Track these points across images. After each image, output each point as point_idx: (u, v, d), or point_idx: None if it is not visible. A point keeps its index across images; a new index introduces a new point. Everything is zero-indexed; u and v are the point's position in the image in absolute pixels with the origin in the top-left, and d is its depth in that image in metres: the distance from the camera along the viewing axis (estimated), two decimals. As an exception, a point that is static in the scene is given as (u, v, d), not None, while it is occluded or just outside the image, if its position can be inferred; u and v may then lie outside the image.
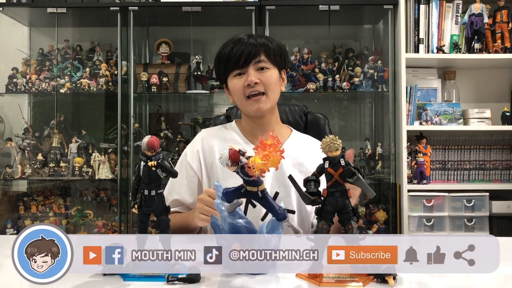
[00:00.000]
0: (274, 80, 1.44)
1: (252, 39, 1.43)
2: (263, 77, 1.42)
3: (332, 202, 0.94)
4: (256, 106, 1.43)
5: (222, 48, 1.46)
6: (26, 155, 2.83)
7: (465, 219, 2.65)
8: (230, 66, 1.43)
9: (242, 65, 1.41)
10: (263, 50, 1.42)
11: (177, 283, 0.90)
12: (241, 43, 1.42)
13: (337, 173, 0.93)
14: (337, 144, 0.93)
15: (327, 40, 2.92)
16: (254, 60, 1.41)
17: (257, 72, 1.42)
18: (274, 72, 1.45)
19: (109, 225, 2.85)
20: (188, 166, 1.50)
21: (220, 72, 1.48)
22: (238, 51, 1.41)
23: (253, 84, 1.40)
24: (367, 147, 2.82)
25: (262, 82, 1.41)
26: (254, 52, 1.41)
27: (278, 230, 1.01)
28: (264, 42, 1.43)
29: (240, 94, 1.43)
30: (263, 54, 1.42)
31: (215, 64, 1.50)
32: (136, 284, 0.92)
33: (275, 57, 1.45)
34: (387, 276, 0.92)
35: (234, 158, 0.94)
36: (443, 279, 0.98)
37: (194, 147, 1.53)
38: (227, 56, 1.42)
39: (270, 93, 1.44)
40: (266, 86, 1.42)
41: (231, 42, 1.45)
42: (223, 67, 1.45)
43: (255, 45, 1.42)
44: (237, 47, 1.42)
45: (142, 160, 0.96)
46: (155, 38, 2.89)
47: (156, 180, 0.96)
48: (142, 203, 0.97)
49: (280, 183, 1.44)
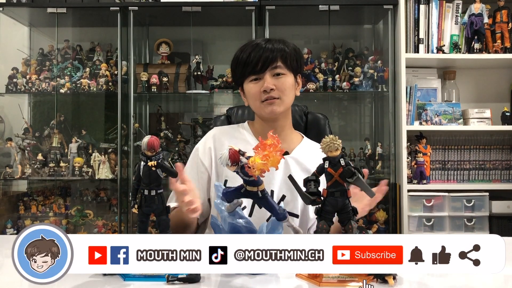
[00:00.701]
0: (289, 86, 1.46)
1: (270, 44, 1.44)
2: (279, 83, 1.44)
3: (332, 202, 0.94)
4: (270, 109, 1.44)
5: (240, 52, 1.47)
6: (26, 155, 2.83)
7: (465, 219, 2.65)
8: (247, 71, 1.44)
9: (259, 71, 1.43)
10: (280, 56, 1.43)
11: (177, 283, 0.90)
12: (259, 48, 1.43)
13: (337, 173, 0.93)
14: (337, 144, 0.93)
15: (327, 40, 2.92)
16: (271, 66, 1.43)
17: (273, 78, 1.44)
18: (290, 78, 1.47)
19: (109, 225, 2.85)
20: (200, 162, 1.50)
21: (237, 76, 1.50)
22: (256, 56, 1.42)
23: (269, 90, 1.42)
24: (367, 147, 2.82)
25: (277, 88, 1.43)
26: (271, 58, 1.42)
27: (278, 230, 1.01)
28: (281, 48, 1.45)
29: (255, 99, 1.45)
30: (280, 60, 1.44)
31: (232, 67, 1.51)
32: (136, 284, 0.92)
33: (291, 62, 1.46)
34: (387, 276, 0.92)
35: (234, 158, 0.94)
36: (443, 279, 0.98)
37: (206, 144, 1.53)
38: (245, 61, 1.44)
39: (285, 97, 1.45)
40: (281, 92, 1.44)
41: (249, 47, 1.45)
42: (240, 71, 1.47)
43: (273, 51, 1.43)
44: (255, 52, 1.43)
45: (142, 160, 0.96)
46: (155, 38, 2.90)
47: (156, 180, 0.96)
48: (142, 203, 0.97)
49: (287, 187, 1.44)
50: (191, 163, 1.53)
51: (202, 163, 1.50)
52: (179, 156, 2.78)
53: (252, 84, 1.45)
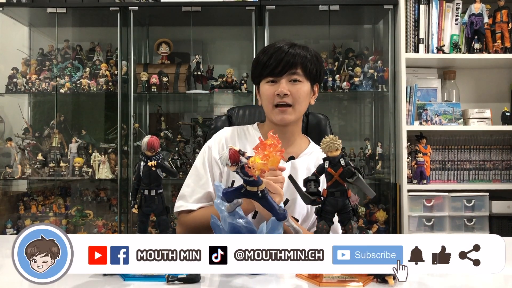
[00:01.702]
0: (304, 94, 1.45)
1: (293, 49, 1.43)
2: (294, 89, 1.43)
3: (332, 202, 0.94)
4: (281, 116, 1.44)
5: (262, 54, 1.47)
6: (26, 155, 2.83)
7: (465, 219, 2.65)
8: (265, 72, 1.44)
9: (277, 74, 1.43)
10: (300, 62, 1.43)
11: (177, 283, 0.90)
12: (281, 51, 1.42)
13: (337, 173, 0.93)
14: (337, 144, 0.93)
15: (327, 40, 2.92)
16: (289, 71, 1.42)
17: (289, 84, 1.43)
18: (306, 86, 1.46)
19: (109, 225, 2.85)
20: (214, 161, 1.48)
21: (255, 76, 1.50)
22: (277, 59, 1.42)
23: (282, 94, 1.42)
24: (367, 147, 2.82)
25: (291, 94, 1.43)
26: (291, 63, 1.42)
27: (278, 230, 1.01)
28: (303, 54, 1.44)
29: (268, 101, 1.45)
30: (299, 67, 1.43)
31: (253, 66, 1.51)
32: (136, 284, 0.92)
33: (311, 71, 1.46)
34: (387, 276, 0.92)
35: (234, 158, 0.94)
36: (443, 279, 0.98)
37: (220, 141, 1.52)
38: (265, 62, 1.44)
39: (297, 106, 1.45)
40: (294, 99, 1.43)
41: (272, 49, 1.45)
42: (259, 72, 1.47)
43: (294, 56, 1.42)
44: (276, 55, 1.42)
45: (142, 160, 0.96)
46: (155, 38, 2.90)
47: (156, 180, 0.96)
48: (142, 203, 0.97)
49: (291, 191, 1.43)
50: (202, 161, 1.50)
51: (216, 162, 1.48)
52: (179, 156, 2.78)
53: (267, 86, 1.45)
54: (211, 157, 1.49)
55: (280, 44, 1.45)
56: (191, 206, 1.43)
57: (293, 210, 1.43)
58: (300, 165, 1.48)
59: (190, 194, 1.45)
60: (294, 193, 1.43)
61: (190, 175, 1.49)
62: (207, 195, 1.46)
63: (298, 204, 1.44)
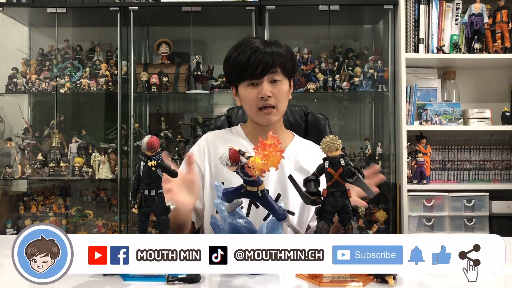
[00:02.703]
0: (285, 93, 1.46)
1: (269, 48, 1.42)
2: (276, 90, 1.43)
3: (332, 202, 0.94)
4: (266, 119, 1.45)
5: (237, 54, 1.43)
6: (26, 155, 2.83)
7: (465, 219, 2.65)
8: (245, 76, 1.42)
9: (257, 76, 1.41)
10: (279, 61, 1.42)
11: (177, 283, 0.90)
12: (259, 52, 1.40)
13: (337, 173, 0.93)
14: (337, 144, 0.93)
15: (327, 40, 2.92)
16: (270, 71, 1.42)
17: (271, 84, 1.43)
18: (286, 84, 1.47)
19: (109, 225, 2.85)
20: (195, 164, 1.49)
21: (233, 78, 1.47)
22: (256, 60, 1.40)
23: (266, 97, 1.41)
24: (367, 147, 2.82)
25: (274, 95, 1.43)
26: (271, 63, 1.41)
27: (278, 230, 1.01)
28: (280, 52, 1.43)
29: (252, 104, 1.45)
30: (279, 66, 1.43)
31: (227, 67, 1.48)
32: (136, 284, 0.92)
33: (288, 68, 1.46)
34: (387, 276, 0.92)
35: (234, 158, 0.94)
36: (443, 279, 0.98)
37: (200, 148, 1.53)
38: (243, 64, 1.41)
39: (280, 105, 1.46)
40: (277, 100, 1.44)
41: (247, 48, 1.42)
42: (237, 75, 1.44)
43: (272, 55, 1.41)
44: (254, 56, 1.40)
45: (142, 160, 0.96)
46: (155, 38, 2.90)
47: (156, 180, 0.96)
48: (142, 203, 0.97)
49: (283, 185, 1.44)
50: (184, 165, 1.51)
51: (197, 166, 1.49)
52: (179, 156, 2.78)
53: (249, 89, 1.44)
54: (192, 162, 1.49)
55: (255, 43, 1.43)
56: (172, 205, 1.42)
57: (287, 204, 1.44)
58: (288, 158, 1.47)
59: None
60: (286, 188, 1.44)
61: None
62: None
63: (291, 198, 1.44)
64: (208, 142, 1.53)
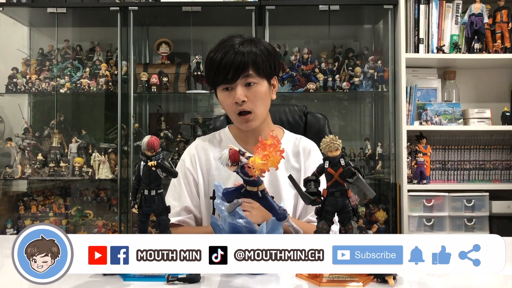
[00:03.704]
0: (262, 96, 1.41)
1: (242, 48, 1.37)
2: (251, 94, 1.39)
3: (332, 202, 0.94)
4: (246, 125, 1.43)
5: (214, 53, 1.40)
6: (26, 155, 2.83)
7: (465, 219, 2.65)
8: (219, 79, 1.39)
9: (230, 80, 1.37)
10: (251, 62, 1.37)
11: (177, 283, 0.90)
12: (232, 51, 1.36)
13: (337, 173, 0.93)
14: (337, 144, 0.92)
15: (327, 40, 2.92)
16: (242, 75, 1.37)
17: (245, 88, 1.38)
18: (263, 86, 1.41)
19: (109, 225, 2.85)
20: (188, 172, 1.49)
21: (210, 81, 1.45)
22: (227, 63, 1.36)
23: (240, 102, 1.38)
24: (367, 147, 2.82)
25: (249, 99, 1.38)
26: (242, 66, 1.36)
27: (278, 230, 1.01)
28: (252, 54, 1.38)
29: (229, 110, 1.43)
30: (251, 68, 1.37)
31: (206, 67, 1.45)
32: (136, 284, 0.91)
33: (264, 69, 1.40)
34: (387, 276, 0.92)
35: (234, 158, 0.94)
36: (443, 279, 0.98)
37: (190, 153, 1.53)
38: (217, 66, 1.37)
39: (257, 109, 1.41)
40: (253, 104, 1.40)
41: (222, 47, 1.39)
42: (212, 78, 1.41)
43: (244, 57, 1.36)
44: (228, 56, 1.36)
45: (142, 160, 0.96)
46: (155, 38, 2.89)
47: (156, 180, 0.96)
48: (142, 203, 0.97)
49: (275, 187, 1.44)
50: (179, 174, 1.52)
51: (190, 173, 1.49)
52: (179, 156, 2.78)
53: (224, 94, 1.41)
54: (184, 169, 1.50)
55: (232, 41, 1.39)
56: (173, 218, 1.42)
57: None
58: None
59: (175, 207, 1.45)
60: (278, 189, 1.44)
61: (168, 189, 1.50)
62: (186, 209, 1.47)
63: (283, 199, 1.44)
64: (198, 148, 1.53)
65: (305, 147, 1.52)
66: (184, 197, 1.47)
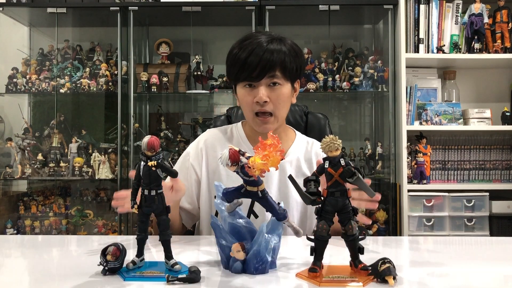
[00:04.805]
0: (285, 98, 1.37)
1: (271, 46, 1.32)
2: (274, 95, 1.34)
3: (332, 202, 0.94)
4: (262, 127, 1.38)
5: (239, 50, 1.34)
6: (26, 155, 2.83)
7: (465, 219, 2.65)
8: (243, 75, 1.34)
9: (254, 78, 1.33)
10: (279, 63, 1.32)
11: (177, 283, 0.90)
12: (261, 48, 1.31)
13: (337, 173, 0.93)
14: (337, 144, 0.92)
15: (327, 40, 2.92)
16: (268, 74, 1.32)
17: (268, 88, 1.34)
18: (287, 88, 1.37)
19: (109, 225, 2.85)
20: (191, 168, 1.47)
21: (231, 75, 1.40)
22: (254, 61, 1.30)
23: (262, 102, 1.33)
24: (367, 147, 2.83)
25: (271, 101, 1.34)
26: (269, 66, 1.31)
27: (278, 230, 1.01)
28: (282, 53, 1.33)
29: (248, 108, 1.38)
30: (278, 69, 1.33)
31: (228, 62, 1.39)
32: (136, 284, 0.91)
33: (290, 70, 1.35)
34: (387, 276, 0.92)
35: (234, 158, 0.93)
36: (443, 279, 0.98)
37: (198, 147, 1.50)
38: (242, 64, 1.32)
39: (278, 112, 1.37)
40: (275, 106, 1.35)
41: (250, 44, 1.33)
42: (235, 73, 1.36)
43: (272, 55, 1.31)
44: (255, 52, 1.31)
45: (142, 160, 0.96)
46: (155, 38, 2.90)
47: (156, 180, 0.96)
48: (142, 203, 0.97)
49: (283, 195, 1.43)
50: (180, 167, 1.49)
51: (193, 169, 1.47)
52: (179, 156, 2.78)
53: (245, 91, 1.36)
54: (187, 164, 1.48)
55: (259, 38, 1.33)
56: None
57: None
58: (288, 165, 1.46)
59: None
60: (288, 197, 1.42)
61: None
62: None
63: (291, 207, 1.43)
64: (207, 144, 1.49)
65: (317, 153, 1.49)
66: None
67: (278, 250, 1.01)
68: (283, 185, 1.44)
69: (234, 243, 0.97)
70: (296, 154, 1.49)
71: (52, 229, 2.81)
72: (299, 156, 1.48)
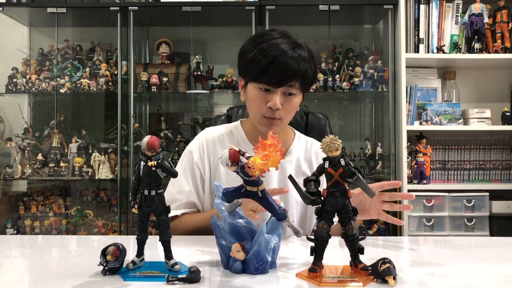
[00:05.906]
0: (295, 107, 1.40)
1: (295, 53, 1.31)
2: (287, 103, 1.36)
3: (332, 202, 0.94)
4: (268, 128, 1.38)
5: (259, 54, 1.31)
6: (26, 155, 2.84)
7: (465, 219, 2.65)
8: (262, 79, 1.33)
9: (274, 84, 1.33)
10: (300, 76, 1.33)
11: (177, 283, 0.90)
12: (285, 57, 1.29)
13: (337, 173, 0.93)
14: (337, 144, 0.92)
15: (327, 40, 2.92)
16: (288, 84, 1.33)
17: (283, 96, 1.35)
18: (299, 98, 1.40)
19: (109, 225, 2.85)
20: (196, 167, 1.47)
21: (245, 73, 1.39)
22: (277, 68, 1.29)
23: (275, 109, 1.34)
24: (367, 147, 2.83)
25: (283, 108, 1.35)
26: (291, 76, 1.31)
27: (278, 230, 1.01)
28: (304, 66, 1.32)
29: (257, 109, 1.38)
30: (297, 81, 1.34)
31: (243, 61, 1.37)
32: (136, 284, 0.91)
33: (308, 80, 1.38)
34: (387, 276, 0.92)
35: (234, 158, 0.93)
36: (443, 279, 0.98)
37: (199, 145, 1.49)
38: (263, 68, 1.30)
39: (285, 119, 1.40)
40: (285, 113, 1.37)
41: (272, 50, 1.30)
42: (253, 74, 1.34)
43: (297, 66, 1.30)
44: (278, 62, 1.29)
45: (142, 160, 0.96)
46: (155, 38, 2.90)
47: (156, 180, 0.96)
48: (142, 203, 0.97)
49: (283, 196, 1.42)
50: (184, 166, 1.48)
51: (198, 167, 1.47)
52: (179, 156, 2.78)
53: (259, 93, 1.36)
54: (192, 162, 1.47)
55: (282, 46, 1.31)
56: (172, 213, 1.40)
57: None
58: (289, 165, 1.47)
59: (171, 202, 1.41)
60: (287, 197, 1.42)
61: (171, 181, 1.47)
62: (190, 204, 1.46)
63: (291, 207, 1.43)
64: (208, 142, 1.49)
65: (317, 153, 1.51)
66: (190, 191, 1.45)
67: (278, 250, 1.01)
68: (283, 185, 1.44)
69: (234, 243, 0.97)
70: (296, 153, 1.50)
71: (52, 229, 2.81)
72: (299, 155, 1.49)
